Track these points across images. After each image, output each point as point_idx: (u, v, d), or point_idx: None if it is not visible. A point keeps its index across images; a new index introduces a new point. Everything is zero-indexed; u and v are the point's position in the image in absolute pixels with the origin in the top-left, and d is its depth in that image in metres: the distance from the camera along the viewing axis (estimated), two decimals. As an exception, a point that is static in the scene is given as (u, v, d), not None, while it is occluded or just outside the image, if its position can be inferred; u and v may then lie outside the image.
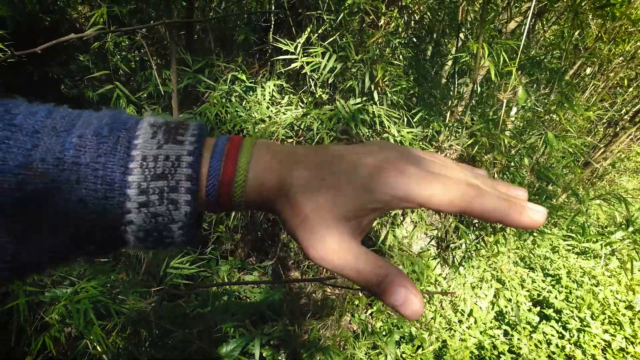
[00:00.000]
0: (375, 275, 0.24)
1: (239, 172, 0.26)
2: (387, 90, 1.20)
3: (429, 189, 0.24)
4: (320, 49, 1.20)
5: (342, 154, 0.27)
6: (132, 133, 0.25)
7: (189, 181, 0.24)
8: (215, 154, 0.26)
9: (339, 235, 0.24)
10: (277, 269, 2.20)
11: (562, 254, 3.63)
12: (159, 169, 0.24)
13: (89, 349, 1.10)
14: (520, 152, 1.25)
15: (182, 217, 0.25)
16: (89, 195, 0.23)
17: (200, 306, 1.38)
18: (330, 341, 1.55)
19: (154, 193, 0.24)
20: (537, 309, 2.91)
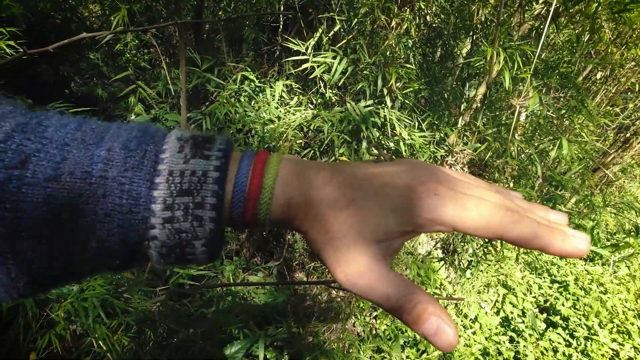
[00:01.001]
0: (405, 301, 0.22)
1: (265, 189, 0.25)
2: (399, 94, 1.19)
3: (463, 212, 0.24)
4: (331, 53, 1.19)
5: (372, 173, 0.26)
6: (159, 147, 0.25)
7: (215, 197, 0.24)
8: (242, 170, 0.25)
9: (369, 258, 0.23)
10: (282, 270, 2.19)
11: (569, 260, 3.59)
12: (185, 185, 0.24)
13: (94, 347, 1.09)
14: (532, 157, 1.23)
15: (206, 234, 0.24)
16: (115, 209, 0.23)
17: (204, 306, 1.37)
18: (335, 344, 1.54)
19: (179, 209, 0.23)
20: (544, 315, 2.87)
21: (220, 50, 1.89)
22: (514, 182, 1.28)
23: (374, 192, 0.24)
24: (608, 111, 2.94)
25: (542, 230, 0.24)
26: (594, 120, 1.59)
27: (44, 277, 0.24)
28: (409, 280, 0.24)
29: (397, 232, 0.24)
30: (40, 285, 0.25)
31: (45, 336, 0.96)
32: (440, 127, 1.31)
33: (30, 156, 0.22)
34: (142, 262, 0.26)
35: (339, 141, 1.15)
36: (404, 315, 0.22)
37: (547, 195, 1.30)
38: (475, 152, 1.25)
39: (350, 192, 0.25)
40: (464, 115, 1.38)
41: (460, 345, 2.35)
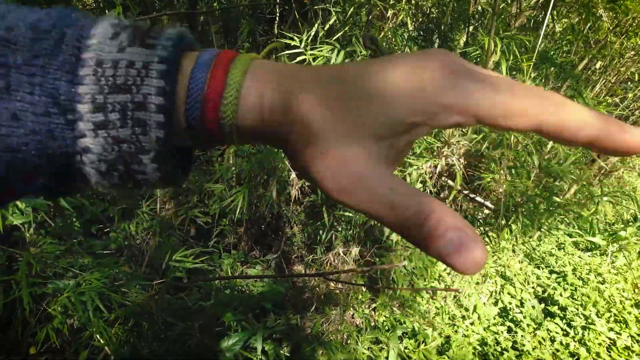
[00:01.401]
0: (414, 211, 0.17)
1: (230, 85, 0.20)
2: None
3: (490, 96, 0.18)
4: (328, 46, 1.17)
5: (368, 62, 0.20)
6: (85, 32, 0.19)
7: (161, 96, 0.19)
8: (200, 64, 0.20)
9: (365, 158, 0.18)
10: (280, 262, 2.20)
11: (568, 250, 3.60)
12: (120, 79, 0.18)
13: (92, 340, 1.10)
14: (527, 148, 1.22)
15: (153, 144, 0.19)
16: (25, 109, 0.18)
17: (202, 299, 1.38)
18: (333, 336, 1.55)
19: (114, 110, 0.18)
20: (542, 305, 2.89)
21: (214, 43, 1.87)
22: (510, 173, 1.28)
23: (371, 79, 0.19)
24: (607, 101, 2.92)
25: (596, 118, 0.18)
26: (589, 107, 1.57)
27: None
28: (415, 188, 0.19)
29: (402, 125, 0.18)
30: None
31: (42, 330, 0.96)
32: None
33: None
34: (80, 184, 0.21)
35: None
36: (413, 230, 0.17)
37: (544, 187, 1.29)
38: (472, 144, 1.24)
39: (342, 86, 0.19)
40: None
41: (458, 336, 2.37)
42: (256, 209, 2.17)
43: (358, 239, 1.79)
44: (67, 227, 1.30)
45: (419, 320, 2.29)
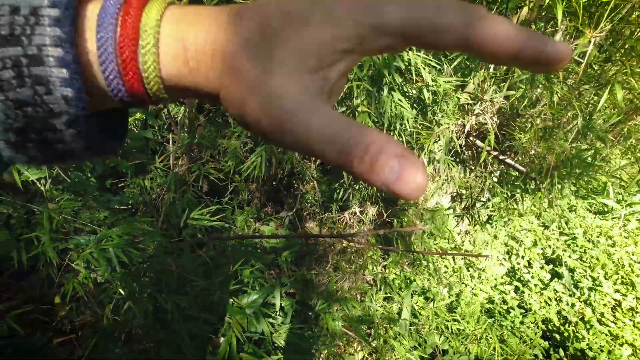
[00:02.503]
0: (354, 143, 0.16)
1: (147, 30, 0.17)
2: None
3: (416, 11, 0.17)
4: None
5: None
6: None
7: (58, 47, 0.16)
8: (106, 8, 0.17)
9: (299, 93, 0.17)
10: (294, 220, 2.20)
11: (579, 212, 3.58)
12: (4, 28, 0.16)
13: (115, 294, 1.12)
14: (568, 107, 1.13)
15: (63, 105, 0.16)
16: None
17: (217, 255, 1.39)
18: (348, 293, 1.58)
19: (6, 67, 0.16)
20: (550, 266, 2.92)
21: None
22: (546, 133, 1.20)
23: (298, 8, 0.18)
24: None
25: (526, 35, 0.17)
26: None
27: None
28: (354, 120, 0.18)
29: (332, 53, 0.17)
30: None
31: (69, 283, 0.97)
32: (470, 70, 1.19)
33: None
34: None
35: (358, 90, 1.07)
36: (355, 161, 0.16)
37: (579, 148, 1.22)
38: (508, 101, 1.15)
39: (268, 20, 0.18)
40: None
41: (467, 293, 2.42)
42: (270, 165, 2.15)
43: (375, 198, 1.77)
44: (82, 182, 1.28)
45: (429, 277, 2.33)
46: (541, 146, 1.17)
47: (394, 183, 0.16)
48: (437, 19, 0.17)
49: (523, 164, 1.36)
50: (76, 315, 1.48)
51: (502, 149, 1.44)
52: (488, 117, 1.15)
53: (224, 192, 2.01)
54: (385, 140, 0.16)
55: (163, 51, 0.18)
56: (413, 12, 0.17)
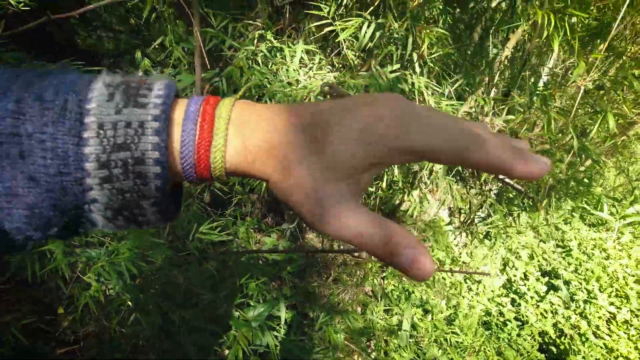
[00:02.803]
0: (379, 237, 0.22)
1: (218, 134, 0.23)
2: (429, 59, 1.13)
3: (430, 139, 0.22)
4: (359, 19, 1.11)
5: (334, 107, 0.24)
6: (83, 95, 0.21)
7: (157, 151, 0.21)
8: (188, 116, 0.23)
9: (338, 197, 0.22)
10: (295, 231, 2.23)
11: (574, 225, 3.63)
12: (120, 138, 0.21)
13: (124, 306, 1.14)
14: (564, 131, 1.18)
15: (153, 192, 0.22)
16: (39, 171, 0.20)
17: (223, 269, 1.41)
18: (350, 306, 1.60)
19: (117, 166, 0.21)
20: (546, 279, 2.96)
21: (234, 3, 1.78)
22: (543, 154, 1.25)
23: (337, 125, 0.23)
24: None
25: (507, 154, 0.23)
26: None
27: None
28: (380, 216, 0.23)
29: (363, 167, 0.23)
30: None
31: (81, 297, 1.00)
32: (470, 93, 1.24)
33: None
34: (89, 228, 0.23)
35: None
36: (379, 250, 0.22)
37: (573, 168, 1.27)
38: (507, 125, 1.20)
39: (313, 129, 0.23)
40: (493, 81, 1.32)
41: (464, 306, 2.45)
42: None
43: (374, 209, 1.80)
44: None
45: (427, 290, 2.35)
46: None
47: (408, 268, 0.21)
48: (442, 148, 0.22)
49: (521, 183, 1.41)
50: (80, 326, 1.49)
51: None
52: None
53: (226, 203, 2.03)
54: (402, 234, 0.22)
55: (228, 149, 0.23)
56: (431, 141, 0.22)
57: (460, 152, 0.22)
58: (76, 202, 0.21)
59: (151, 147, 0.21)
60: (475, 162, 0.23)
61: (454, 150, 0.22)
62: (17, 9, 1.64)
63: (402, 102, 0.24)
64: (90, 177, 0.21)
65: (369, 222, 0.22)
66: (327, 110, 0.24)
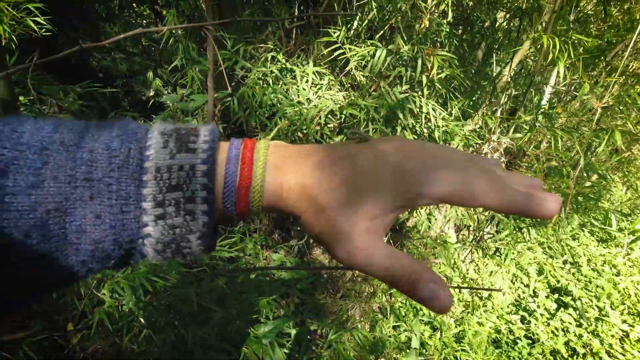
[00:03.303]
0: (403, 272, 0.24)
1: (256, 177, 0.25)
2: (437, 81, 1.16)
3: (451, 186, 0.25)
4: (370, 47, 1.15)
5: (361, 152, 0.27)
6: (143, 144, 0.25)
7: (205, 190, 0.24)
8: (230, 159, 0.26)
9: (366, 235, 0.24)
10: (303, 248, 2.23)
11: (582, 241, 3.59)
12: (174, 180, 0.24)
13: (136, 322, 1.15)
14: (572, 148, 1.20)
15: (200, 227, 0.25)
16: (104, 211, 0.23)
17: (232, 285, 1.42)
18: (359, 322, 1.60)
19: (170, 205, 0.24)
20: (555, 296, 2.92)
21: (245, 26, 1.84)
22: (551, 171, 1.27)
23: (366, 172, 0.25)
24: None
25: (522, 197, 0.25)
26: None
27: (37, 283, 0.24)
28: (403, 252, 0.25)
29: (390, 208, 0.25)
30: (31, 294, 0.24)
31: (95, 313, 1.01)
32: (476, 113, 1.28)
33: (9, 165, 0.22)
34: (138, 259, 0.26)
35: (373, 129, 1.14)
36: (402, 284, 0.24)
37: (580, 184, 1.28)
38: (514, 142, 1.22)
39: (343, 173, 0.25)
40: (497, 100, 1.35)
41: (472, 323, 2.42)
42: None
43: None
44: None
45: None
46: (546, 184, 1.24)
47: (429, 301, 0.23)
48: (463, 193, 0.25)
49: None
50: (89, 342, 1.49)
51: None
52: (496, 156, 1.22)
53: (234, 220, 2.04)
54: (424, 270, 0.24)
55: (265, 190, 0.26)
56: (447, 188, 0.25)
57: (479, 199, 0.25)
58: (132, 237, 0.24)
59: (200, 187, 0.24)
60: (493, 206, 0.25)
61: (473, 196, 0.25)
62: (39, 35, 1.71)
63: (426, 148, 0.27)
64: (147, 214, 0.24)
65: (394, 258, 0.24)
66: (355, 155, 0.26)
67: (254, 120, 1.38)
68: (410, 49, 1.12)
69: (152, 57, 2.85)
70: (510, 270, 2.93)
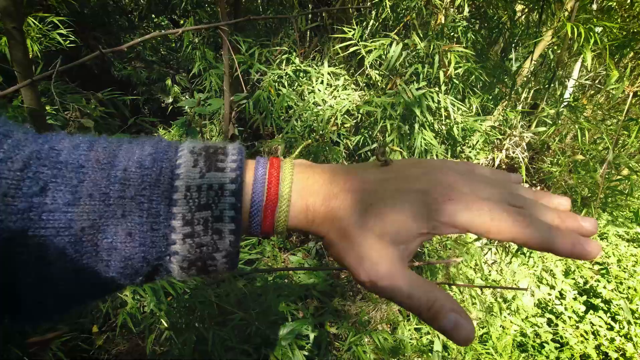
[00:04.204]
0: (425, 300, 0.23)
1: (282, 198, 0.25)
2: (453, 76, 1.14)
3: (476, 217, 0.24)
4: (387, 39, 1.14)
5: (386, 178, 0.26)
6: (173, 162, 0.25)
7: (233, 210, 0.24)
8: (257, 179, 0.26)
9: (390, 261, 0.24)
10: (321, 249, 2.23)
11: (611, 240, 3.45)
12: (203, 200, 0.24)
13: (158, 324, 1.16)
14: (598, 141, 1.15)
15: (226, 246, 0.25)
16: (135, 228, 0.23)
17: (251, 287, 1.42)
18: (380, 325, 1.58)
19: (199, 224, 0.24)
20: (584, 298, 2.81)
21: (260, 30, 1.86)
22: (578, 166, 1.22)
23: (390, 197, 0.25)
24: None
25: (552, 234, 0.24)
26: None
27: (72, 297, 0.24)
28: (426, 280, 0.25)
29: (414, 235, 0.25)
30: (64, 307, 0.25)
31: (119, 314, 1.03)
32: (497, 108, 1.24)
33: (48, 182, 0.23)
34: (163, 276, 0.26)
35: (390, 127, 1.12)
36: (424, 312, 0.23)
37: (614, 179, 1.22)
38: (537, 136, 1.18)
39: (368, 197, 0.25)
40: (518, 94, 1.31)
41: (496, 326, 2.35)
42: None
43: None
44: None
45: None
46: (573, 178, 1.19)
47: (450, 331, 0.23)
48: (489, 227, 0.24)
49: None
50: (113, 344, 1.53)
51: (532, 181, 1.45)
52: (518, 151, 1.18)
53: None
54: (445, 299, 0.24)
55: (291, 210, 0.26)
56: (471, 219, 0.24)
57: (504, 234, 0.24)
58: (160, 254, 0.24)
59: (228, 207, 0.24)
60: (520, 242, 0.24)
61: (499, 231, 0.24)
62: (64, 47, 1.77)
63: (451, 174, 0.26)
64: (176, 232, 0.24)
65: (417, 286, 0.24)
66: (382, 180, 0.26)
67: (269, 123, 1.38)
68: (426, 45, 1.10)
69: (171, 65, 2.91)
70: (536, 271, 2.84)
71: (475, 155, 1.16)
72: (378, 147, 1.12)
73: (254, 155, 1.14)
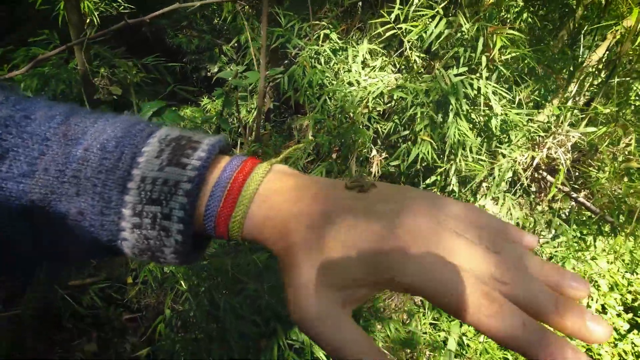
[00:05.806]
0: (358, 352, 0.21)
1: (239, 206, 0.24)
2: (499, 64, 1.03)
3: (432, 283, 0.20)
4: (431, 11, 1.06)
5: (350, 208, 0.23)
6: (138, 149, 0.24)
7: (182, 210, 0.23)
8: (219, 183, 0.25)
9: (326, 302, 0.22)
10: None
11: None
12: (155, 194, 0.24)
13: (177, 284, 1.23)
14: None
15: (173, 244, 0.24)
16: (87, 209, 0.24)
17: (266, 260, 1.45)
18: (395, 314, 1.56)
19: (147, 217, 0.24)
20: (629, 315, 2.58)
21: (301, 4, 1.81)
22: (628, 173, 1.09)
23: (345, 234, 0.22)
24: None
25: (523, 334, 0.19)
26: None
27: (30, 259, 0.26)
28: (366, 335, 0.22)
29: (361, 282, 0.22)
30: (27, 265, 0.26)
31: (141, 272, 1.10)
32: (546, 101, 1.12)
33: (9, 150, 0.23)
34: (119, 256, 0.27)
35: (420, 115, 1.06)
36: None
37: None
38: (586, 137, 1.06)
39: (323, 230, 0.23)
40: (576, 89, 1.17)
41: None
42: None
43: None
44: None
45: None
46: (623, 187, 1.06)
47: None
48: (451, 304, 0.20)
49: (598, 205, 1.23)
50: (143, 297, 1.65)
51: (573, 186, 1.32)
52: (561, 152, 1.07)
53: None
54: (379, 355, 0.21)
55: (247, 221, 0.25)
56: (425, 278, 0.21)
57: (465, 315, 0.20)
58: (111, 238, 0.25)
59: (178, 207, 0.23)
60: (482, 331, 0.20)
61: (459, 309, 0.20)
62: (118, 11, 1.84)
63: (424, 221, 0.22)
64: (125, 220, 0.24)
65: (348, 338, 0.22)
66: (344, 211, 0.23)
67: (302, 100, 1.36)
68: (471, 26, 1.01)
69: (224, 34, 2.95)
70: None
71: (509, 152, 1.06)
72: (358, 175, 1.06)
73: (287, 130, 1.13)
